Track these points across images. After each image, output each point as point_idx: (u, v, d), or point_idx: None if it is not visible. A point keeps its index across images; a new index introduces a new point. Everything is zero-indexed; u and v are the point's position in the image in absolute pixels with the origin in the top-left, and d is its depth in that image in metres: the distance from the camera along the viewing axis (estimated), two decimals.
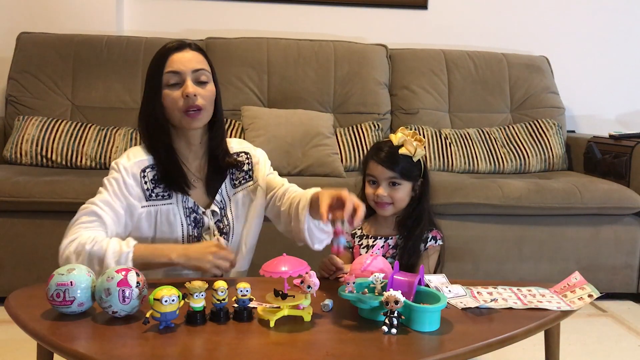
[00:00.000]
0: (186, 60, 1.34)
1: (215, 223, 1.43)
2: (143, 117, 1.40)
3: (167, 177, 1.37)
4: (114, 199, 1.32)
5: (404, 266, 1.52)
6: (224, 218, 1.44)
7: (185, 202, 1.39)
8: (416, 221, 1.55)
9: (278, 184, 1.49)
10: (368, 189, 1.56)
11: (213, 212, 1.43)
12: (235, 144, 1.51)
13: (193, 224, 1.40)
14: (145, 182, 1.36)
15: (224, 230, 1.44)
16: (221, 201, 1.44)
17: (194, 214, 1.40)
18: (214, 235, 1.42)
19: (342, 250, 1.07)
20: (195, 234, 1.40)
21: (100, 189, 1.35)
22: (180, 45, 1.36)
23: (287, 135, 2.49)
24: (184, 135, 1.39)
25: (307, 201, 1.31)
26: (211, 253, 1.27)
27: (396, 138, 1.52)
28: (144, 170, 1.37)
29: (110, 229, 1.31)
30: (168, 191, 1.38)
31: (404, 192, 1.53)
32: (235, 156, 1.48)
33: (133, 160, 1.36)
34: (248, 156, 1.50)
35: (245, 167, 1.49)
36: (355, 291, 1.11)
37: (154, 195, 1.37)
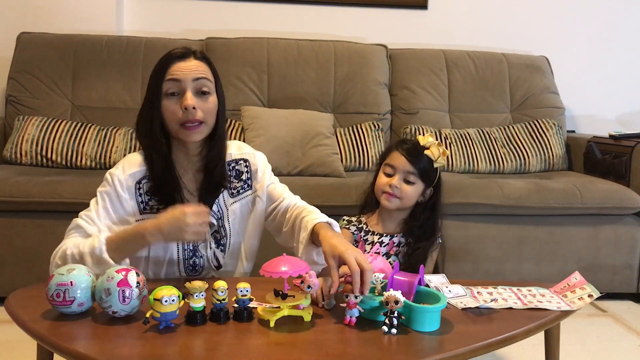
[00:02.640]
0: (187, 69, 1.29)
1: (212, 234, 1.40)
2: (142, 125, 1.34)
3: (161, 190, 1.34)
4: (104, 215, 1.30)
5: (407, 266, 1.53)
6: (221, 229, 1.41)
7: None
8: (425, 232, 1.56)
9: (280, 196, 1.44)
10: (382, 178, 1.56)
11: (210, 223, 1.38)
12: (234, 149, 1.45)
13: None
14: (141, 195, 1.34)
15: (221, 242, 1.41)
16: (218, 211, 1.40)
17: None
18: (210, 248, 1.40)
19: (354, 320, 1.08)
20: (191, 247, 1.38)
21: (92, 201, 1.32)
22: (185, 53, 1.31)
23: (287, 135, 2.49)
24: (183, 146, 1.35)
25: (307, 238, 1.28)
26: (186, 224, 1.20)
27: (424, 139, 1.54)
28: (139, 182, 1.34)
29: None
30: (163, 203, 1.34)
31: (414, 191, 1.54)
32: (234, 164, 1.43)
33: (128, 172, 1.33)
34: (247, 164, 1.45)
35: (244, 177, 1.45)
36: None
37: (148, 208, 1.34)
